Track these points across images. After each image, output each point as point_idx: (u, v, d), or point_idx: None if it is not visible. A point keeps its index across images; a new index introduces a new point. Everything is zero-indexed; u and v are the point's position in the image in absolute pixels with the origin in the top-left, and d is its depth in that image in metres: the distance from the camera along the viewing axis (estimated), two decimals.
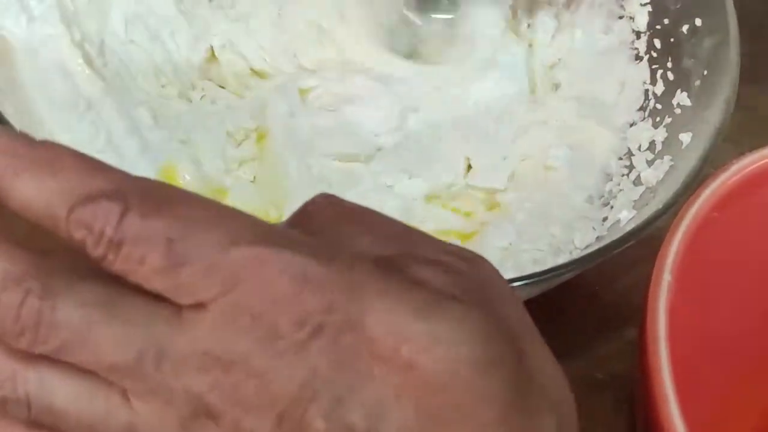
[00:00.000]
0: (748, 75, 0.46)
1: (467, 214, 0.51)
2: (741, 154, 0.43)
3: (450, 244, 0.27)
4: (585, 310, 0.52)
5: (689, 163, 0.43)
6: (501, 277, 0.27)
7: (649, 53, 0.53)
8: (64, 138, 0.47)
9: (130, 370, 0.24)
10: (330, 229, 0.26)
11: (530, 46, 0.56)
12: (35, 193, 0.24)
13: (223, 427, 0.24)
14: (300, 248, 0.24)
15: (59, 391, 0.25)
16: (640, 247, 0.41)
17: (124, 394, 0.25)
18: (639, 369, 0.40)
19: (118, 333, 0.24)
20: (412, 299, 0.24)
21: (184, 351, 0.24)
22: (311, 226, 0.26)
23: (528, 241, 0.48)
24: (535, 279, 0.40)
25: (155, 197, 0.24)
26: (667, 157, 0.47)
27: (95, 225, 0.24)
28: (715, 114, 0.45)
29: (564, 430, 0.26)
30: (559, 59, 0.55)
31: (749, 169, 0.43)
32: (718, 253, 0.43)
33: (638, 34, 0.54)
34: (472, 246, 0.47)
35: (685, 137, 0.46)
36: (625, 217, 0.45)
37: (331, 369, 0.24)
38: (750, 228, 0.44)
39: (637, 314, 0.40)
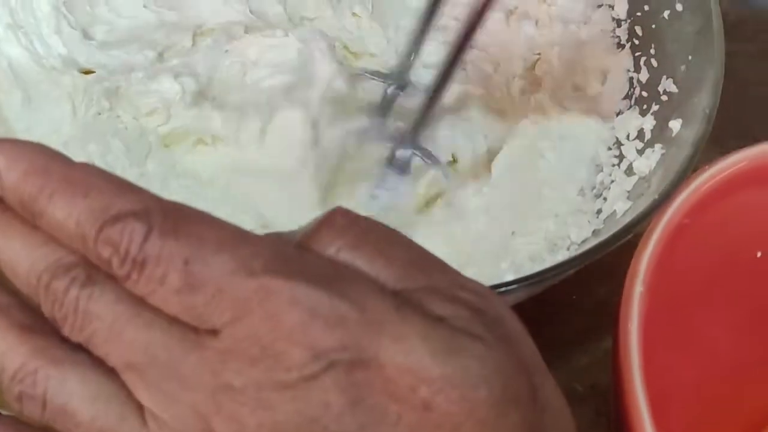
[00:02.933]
0: (726, 73, 0.45)
1: None
2: (722, 155, 0.43)
3: (464, 277, 0.26)
4: (563, 320, 0.51)
5: (682, 150, 0.43)
6: (511, 312, 0.27)
7: (631, 41, 0.52)
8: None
9: (144, 372, 0.24)
10: (347, 253, 0.26)
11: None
12: (67, 213, 0.25)
13: None
14: (311, 278, 0.24)
15: (78, 391, 0.25)
16: (617, 254, 0.40)
17: (140, 406, 0.25)
18: (612, 383, 0.39)
19: (140, 335, 0.24)
20: (431, 339, 0.24)
21: (194, 369, 0.24)
22: (328, 247, 0.26)
23: (522, 235, 0.48)
24: (536, 279, 0.39)
25: (174, 217, 0.25)
26: (657, 146, 0.46)
27: (121, 244, 0.24)
28: (704, 99, 0.44)
29: None
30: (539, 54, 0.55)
31: (721, 176, 0.43)
32: (691, 260, 0.43)
33: (619, 22, 0.53)
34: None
35: (675, 124, 0.46)
36: (621, 209, 0.45)
37: (344, 405, 0.24)
38: (721, 234, 0.44)
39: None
